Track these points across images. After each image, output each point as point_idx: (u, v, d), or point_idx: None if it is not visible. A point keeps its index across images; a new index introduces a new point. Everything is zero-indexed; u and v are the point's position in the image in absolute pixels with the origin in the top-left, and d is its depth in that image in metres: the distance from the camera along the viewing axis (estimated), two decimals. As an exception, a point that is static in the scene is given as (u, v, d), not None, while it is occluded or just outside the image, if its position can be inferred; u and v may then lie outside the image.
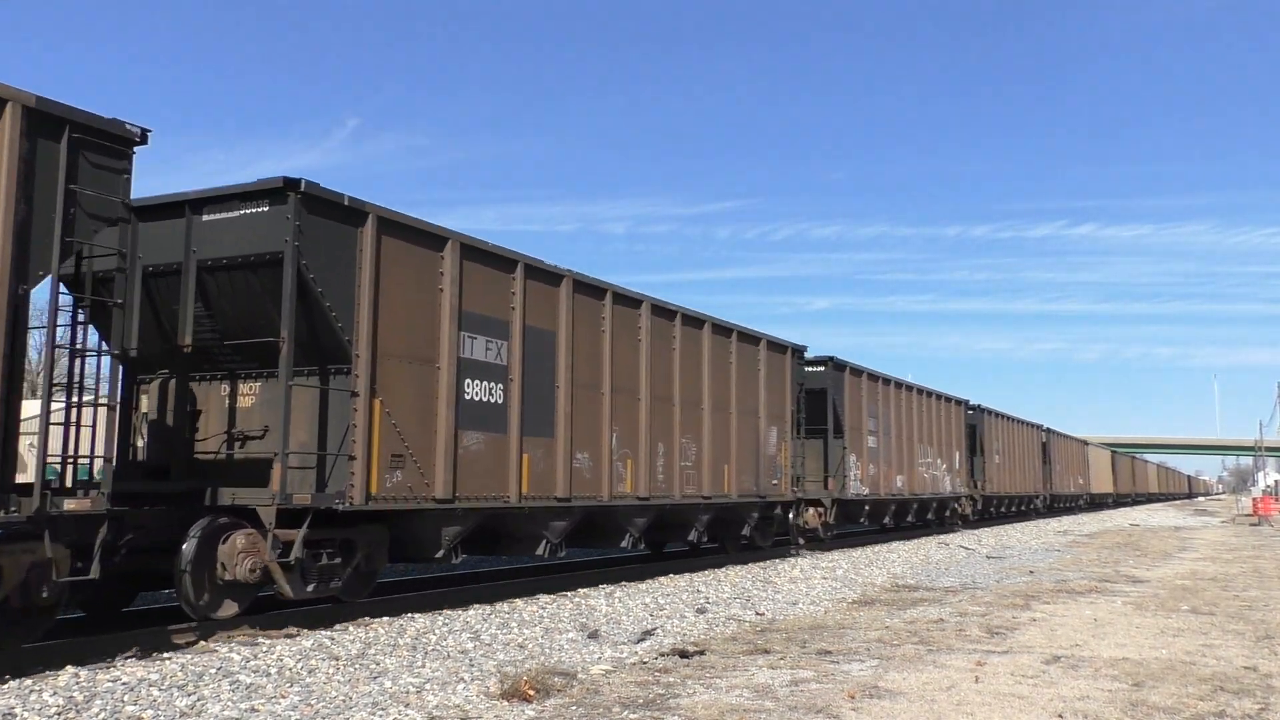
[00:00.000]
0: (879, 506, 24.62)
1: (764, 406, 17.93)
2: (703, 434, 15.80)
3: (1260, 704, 6.71)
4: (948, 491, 29.93)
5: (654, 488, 14.44)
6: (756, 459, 17.58)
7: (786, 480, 18.80)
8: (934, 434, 28.98)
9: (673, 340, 15.18)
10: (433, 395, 10.78)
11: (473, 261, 11.32)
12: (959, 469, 31.56)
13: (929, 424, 28.62)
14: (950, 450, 30.70)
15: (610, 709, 6.34)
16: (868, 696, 6.75)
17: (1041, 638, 9.43)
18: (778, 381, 18.74)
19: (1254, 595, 13.47)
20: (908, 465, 26.50)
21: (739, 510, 17.33)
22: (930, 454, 28.64)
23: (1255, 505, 47.45)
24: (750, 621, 10.63)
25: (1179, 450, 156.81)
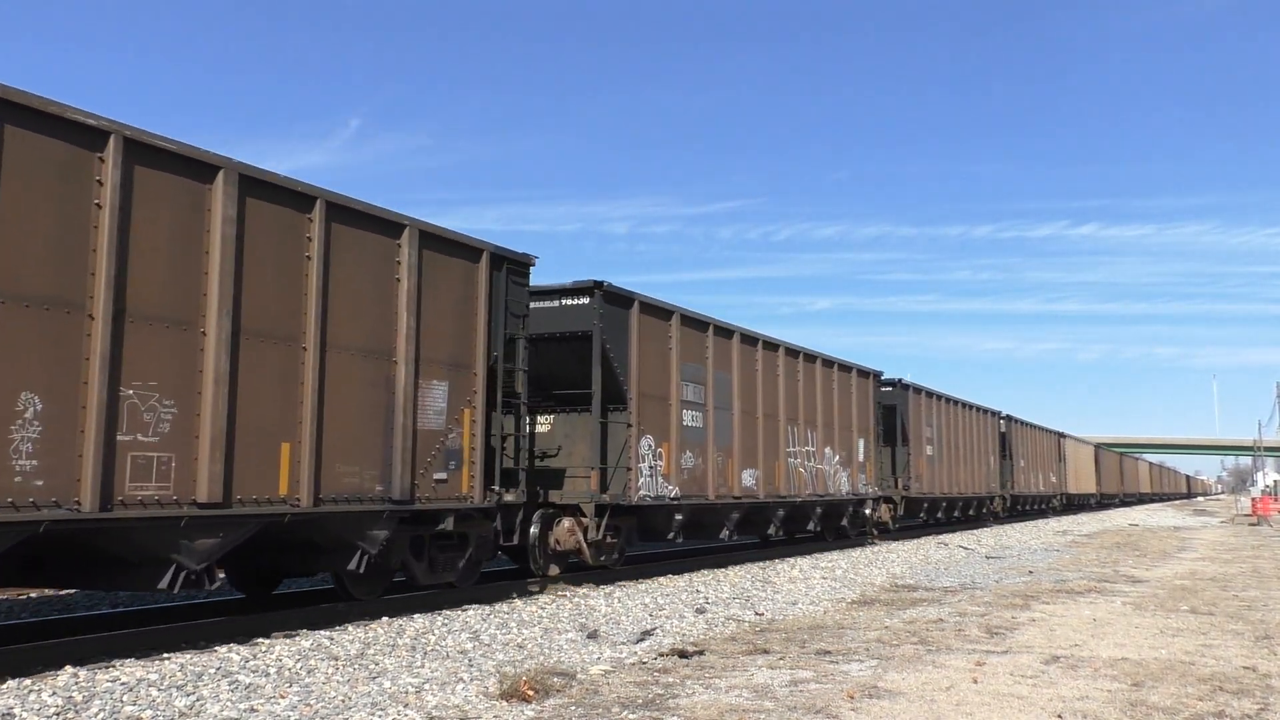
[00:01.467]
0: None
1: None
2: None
3: (1260, 704, 6.72)
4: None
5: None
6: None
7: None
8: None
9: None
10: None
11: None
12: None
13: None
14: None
15: (610, 709, 6.34)
16: (867, 696, 6.75)
17: (1041, 638, 9.44)
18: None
19: (1253, 595, 13.48)
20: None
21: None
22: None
23: (1254, 505, 47.48)
24: (750, 621, 10.63)
25: (1178, 450, 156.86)
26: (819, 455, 20.24)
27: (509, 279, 11.95)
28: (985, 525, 34.37)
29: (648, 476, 14.24)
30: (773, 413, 18.39)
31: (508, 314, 11.88)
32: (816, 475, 20.07)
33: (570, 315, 13.91)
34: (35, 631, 9.22)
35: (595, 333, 13.57)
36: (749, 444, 17.41)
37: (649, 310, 14.91)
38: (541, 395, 14.15)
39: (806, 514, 20.14)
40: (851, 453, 22.09)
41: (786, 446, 18.79)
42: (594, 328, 13.58)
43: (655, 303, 15.10)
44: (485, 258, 11.54)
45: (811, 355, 20.40)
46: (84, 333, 7.41)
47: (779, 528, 18.89)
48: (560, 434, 14.46)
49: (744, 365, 17.53)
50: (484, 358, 11.37)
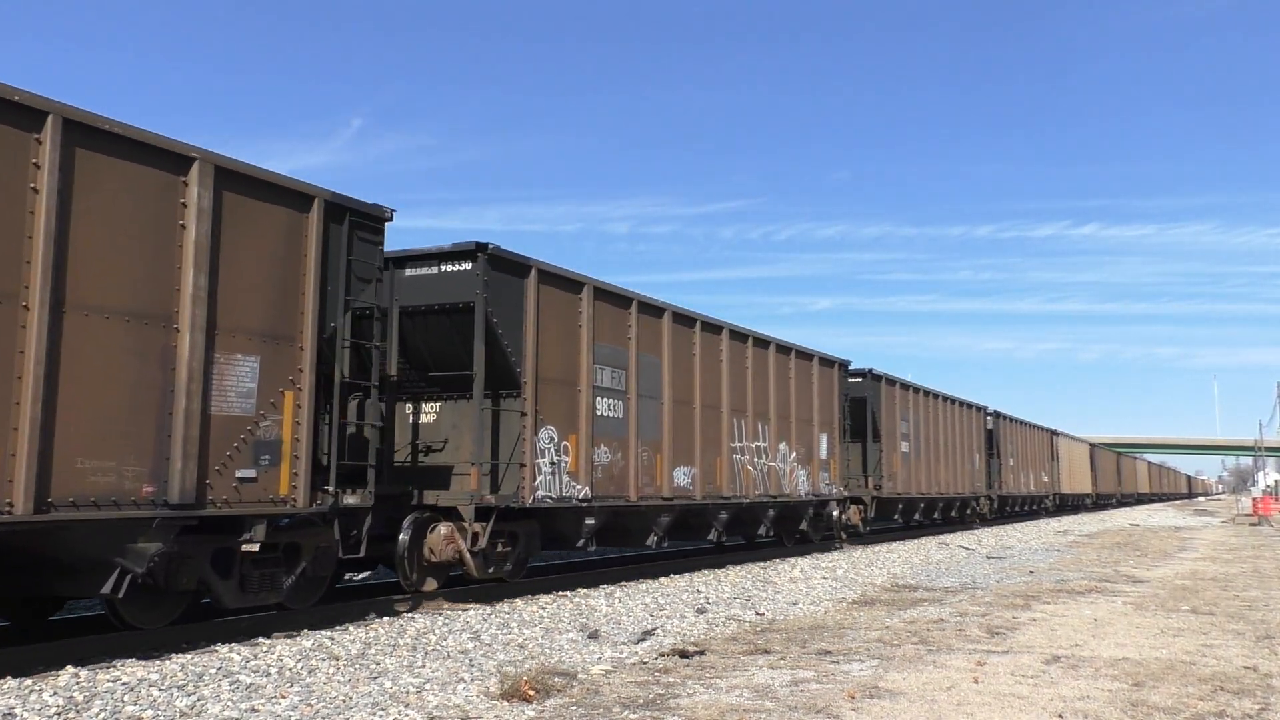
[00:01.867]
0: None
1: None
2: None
3: (1260, 704, 6.71)
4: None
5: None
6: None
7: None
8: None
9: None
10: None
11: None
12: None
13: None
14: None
15: (610, 709, 6.34)
16: (868, 696, 6.75)
17: (1042, 638, 9.43)
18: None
19: (1254, 595, 13.47)
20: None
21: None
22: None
23: (1255, 505, 47.47)
24: (750, 621, 10.63)
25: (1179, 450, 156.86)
26: (772, 451, 18.13)
27: (354, 235, 9.83)
28: (971, 528, 32.21)
29: (549, 474, 12.29)
30: (714, 403, 16.39)
31: (352, 277, 9.79)
32: (769, 473, 17.96)
33: (451, 283, 11.87)
34: (35, 632, 9.22)
35: (478, 304, 11.57)
36: (683, 438, 15.37)
37: (552, 280, 12.75)
38: (424, 378, 12.56)
39: (756, 516, 18.03)
40: (812, 449, 20.02)
41: (731, 441, 16.68)
42: (477, 298, 11.58)
43: (560, 272, 12.93)
44: (318, 207, 9.43)
45: (763, 340, 18.31)
46: None
47: (721, 532, 16.78)
48: (447, 424, 12.61)
49: (678, 349, 15.48)
50: (314, 329, 9.30)
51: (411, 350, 12.31)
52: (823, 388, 20.80)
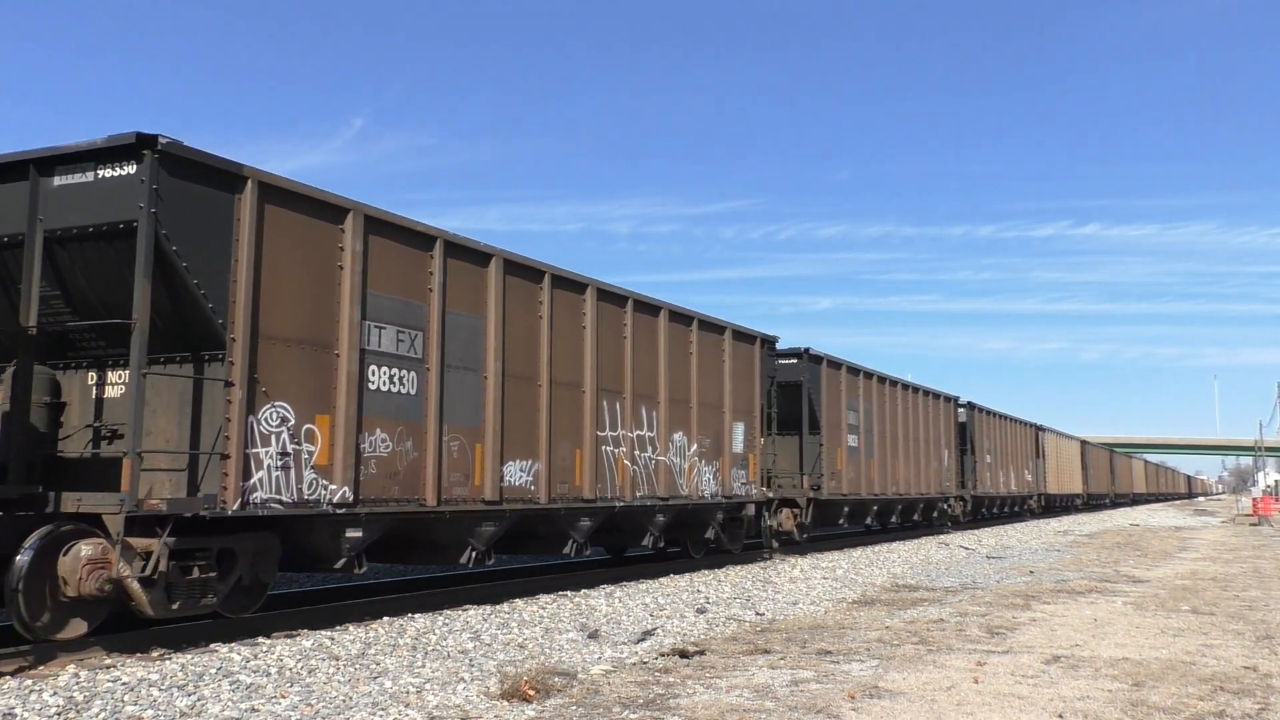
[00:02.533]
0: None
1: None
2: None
3: (1260, 704, 6.71)
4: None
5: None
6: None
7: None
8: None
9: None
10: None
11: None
12: None
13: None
14: None
15: (610, 709, 6.34)
16: (868, 696, 6.75)
17: (1042, 638, 9.43)
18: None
19: (1254, 595, 13.47)
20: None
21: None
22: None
23: (1255, 505, 47.45)
24: (750, 621, 10.63)
25: (1179, 450, 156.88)
26: (662, 443, 14.61)
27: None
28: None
29: (277, 470, 8.86)
30: (573, 380, 12.84)
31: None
32: (657, 470, 14.44)
33: (110, 196, 8.25)
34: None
35: (142, 223, 8.02)
36: (521, 424, 11.85)
37: (287, 200, 9.18)
38: (92, 335, 9.10)
39: (639, 523, 14.44)
40: (722, 441, 16.32)
41: (599, 429, 13.18)
42: (140, 215, 8.02)
43: (304, 191, 9.37)
44: None
45: (651, 305, 14.63)
46: None
47: (582, 544, 13.09)
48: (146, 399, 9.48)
49: (516, 308, 11.90)
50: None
51: (74, 294, 8.78)
52: (739, 368, 17.03)
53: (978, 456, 32.89)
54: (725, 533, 16.91)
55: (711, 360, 16.33)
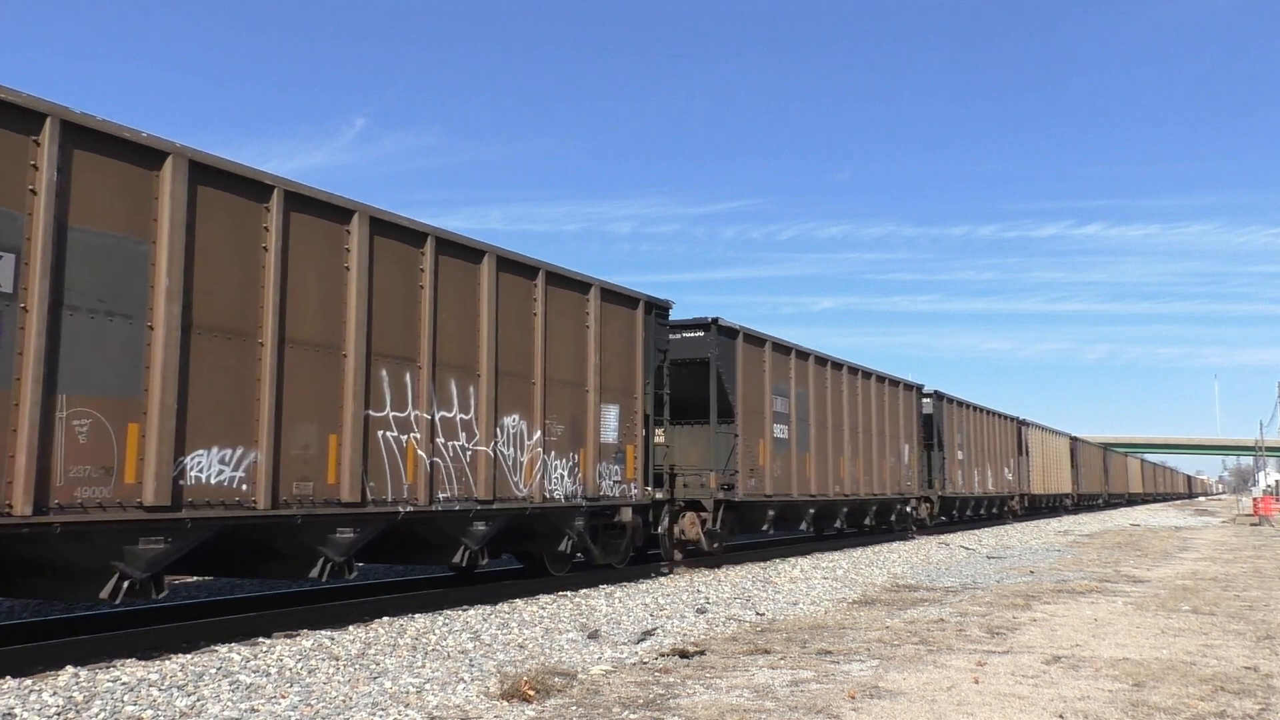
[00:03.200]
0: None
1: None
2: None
3: (1261, 704, 6.71)
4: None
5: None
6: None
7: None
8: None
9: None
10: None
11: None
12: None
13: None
14: None
15: (610, 709, 6.33)
16: (868, 697, 6.74)
17: (1042, 638, 9.43)
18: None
19: (1255, 595, 13.46)
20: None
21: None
22: None
23: (1256, 505, 47.44)
24: (750, 621, 10.63)
25: (1179, 450, 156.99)
26: (486, 428, 11.25)
27: None
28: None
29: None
30: (326, 340, 9.45)
31: None
32: (476, 464, 11.13)
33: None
34: (36, 631, 9.22)
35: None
36: (224, 397, 8.48)
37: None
38: None
39: (444, 534, 11.06)
40: (584, 429, 12.94)
41: (372, 408, 9.82)
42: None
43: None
44: None
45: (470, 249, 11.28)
46: None
47: (340, 561, 9.62)
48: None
49: (224, 235, 8.54)
50: None
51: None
52: (613, 337, 13.73)
53: (947, 452, 29.49)
54: (598, 543, 13.68)
55: (569, 326, 12.84)
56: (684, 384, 16.46)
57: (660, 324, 14.96)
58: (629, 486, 13.97)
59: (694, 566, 16.15)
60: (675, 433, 16.57)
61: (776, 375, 18.69)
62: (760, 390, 18.04)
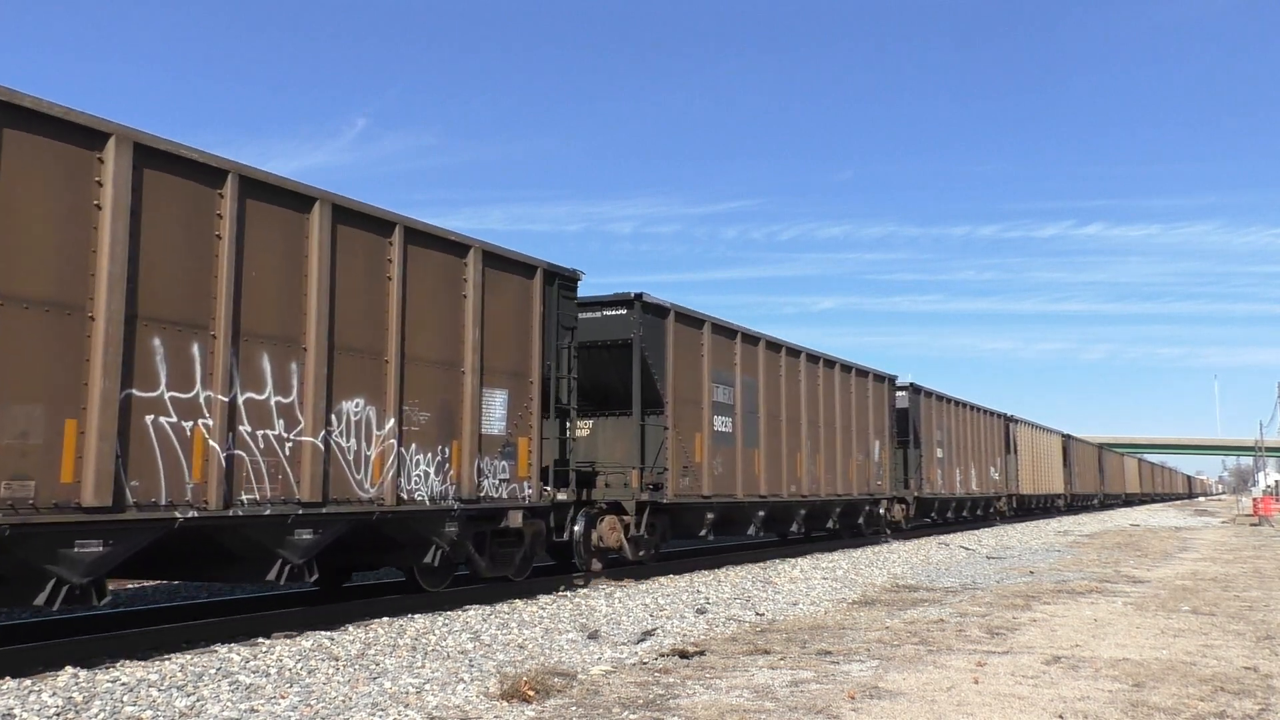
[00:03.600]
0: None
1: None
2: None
3: (1261, 704, 6.71)
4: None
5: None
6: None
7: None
8: None
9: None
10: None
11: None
12: None
13: None
14: None
15: (610, 709, 6.33)
16: (868, 697, 6.74)
17: (1042, 638, 9.43)
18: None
19: (1254, 595, 13.46)
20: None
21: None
22: None
23: (1255, 505, 47.44)
24: (750, 622, 10.63)
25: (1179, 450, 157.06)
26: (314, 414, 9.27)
27: None
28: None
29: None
30: (60, 297, 7.40)
31: None
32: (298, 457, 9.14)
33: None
34: (35, 631, 9.22)
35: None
36: None
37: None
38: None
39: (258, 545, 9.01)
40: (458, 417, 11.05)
41: (137, 386, 7.85)
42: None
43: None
44: None
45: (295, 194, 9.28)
46: None
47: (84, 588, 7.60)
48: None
49: None
50: None
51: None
52: (503, 310, 11.77)
53: (924, 450, 27.44)
54: (485, 553, 11.72)
55: (439, 294, 10.91)
56: (606, 369, 14.85)
57: (567, 297, 12.97)
58: (521, 486, 11.92)
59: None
60: (601, 425, 15.17)
61: (718, 361, 16.71)
62: (697, 377, 16.07)
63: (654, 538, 15.07)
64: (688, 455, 15.56)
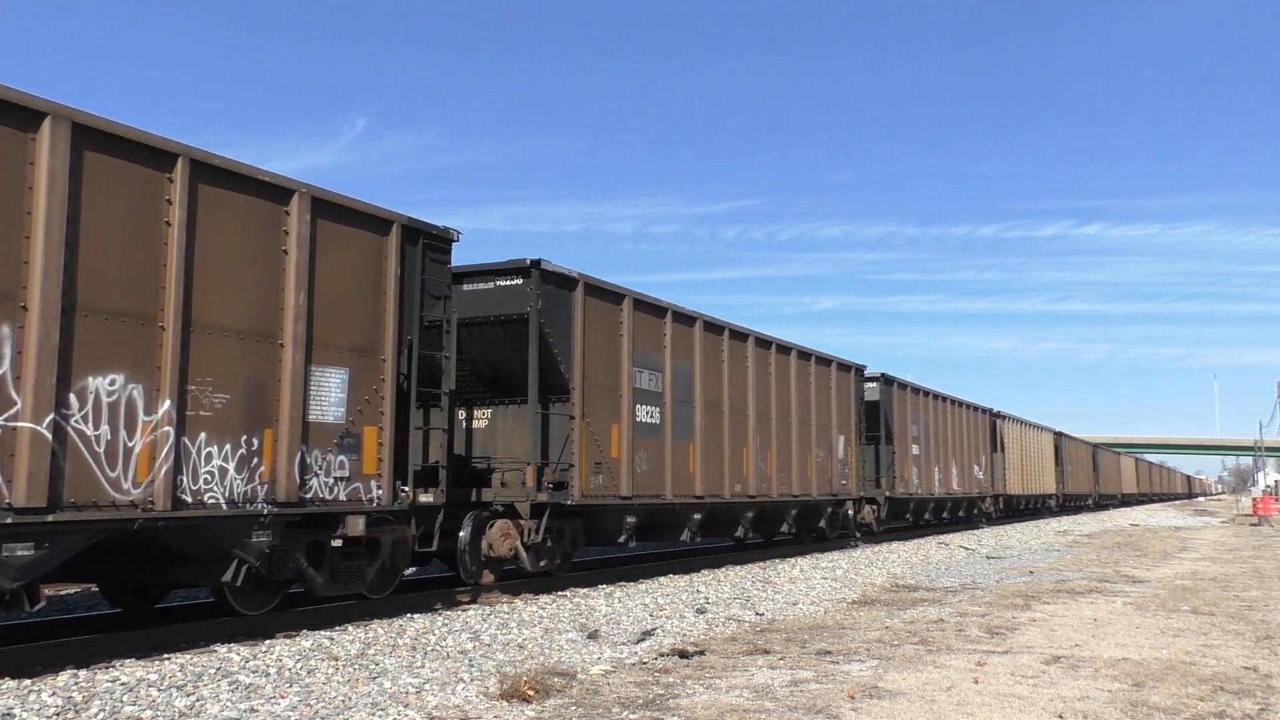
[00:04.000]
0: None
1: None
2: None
3: (1260, 704, 6.71)
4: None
5: None
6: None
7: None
8: None
9: None
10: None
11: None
12: None
13: None
14: None
15: (610, 709, 6.33)
16: (867, 697, 6.74)
17: (1041, 638, 9.43)
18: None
19: (1254, 595, 13.47)
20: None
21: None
22: None
23: (1255, 505, 47.44)
24: (750, 622, 10.63)
25: (1179, 450, 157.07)
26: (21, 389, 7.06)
27: None
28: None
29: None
30: None
31: None
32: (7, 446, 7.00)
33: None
34: (35, 631, 9.21)
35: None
36: None
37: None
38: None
39: None
40: (265, 397, 8.84)
41: None
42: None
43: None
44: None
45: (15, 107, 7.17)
46: None
47: None
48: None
49: None
50: None
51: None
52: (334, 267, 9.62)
53: (898, 446, 25.33)
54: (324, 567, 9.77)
55: (248, 248, 8.80)
56: (503, 349, 12.82)
57: (437, 261, 10.90)
58: (368, 486, 9.86)
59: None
60: (500, 415, 13.27)
61: (644, 343, 14.52)
62: (614, 360, 13.82)
63: (560, 545, 13.08)
64: (601, 450, 13.31)
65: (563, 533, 13.11)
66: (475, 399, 13.09)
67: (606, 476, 13.34)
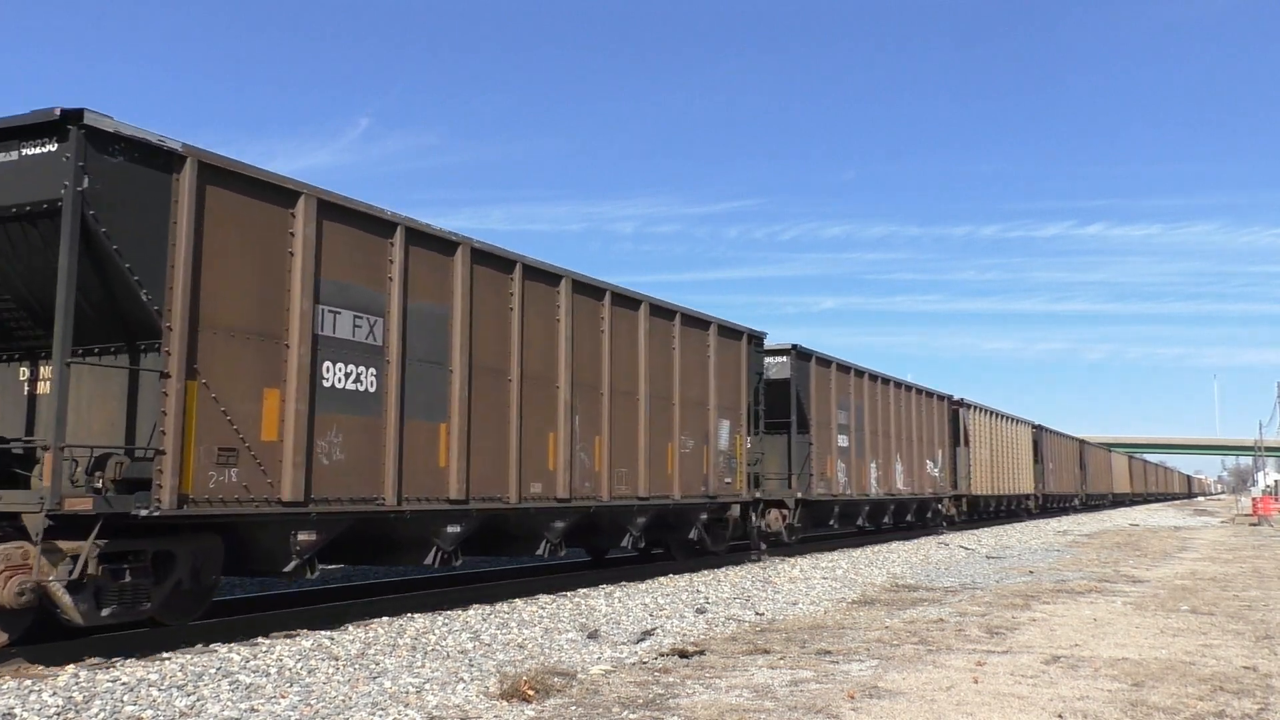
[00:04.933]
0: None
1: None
2: None
3: (1260, 704, 6.71)
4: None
5: None
6: None
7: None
8: None
9: None
10: None
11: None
12: None
13: None
14: None
15: (610, 709, 6.34)
16: (867, 696, 6.75)
17: (1041, 638, 9.43)
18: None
19: (1254, 595, 13.47)
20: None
21: None
22: None
23: (1255, 505, 47.47)
24: (750, 621, 10.63)
25: (1179, 450, 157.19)
26: None
27: None
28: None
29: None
30: None
31: None
32: None
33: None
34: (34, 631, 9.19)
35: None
36: None
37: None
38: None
39: None
40: None
41: None
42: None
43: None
44: None
45: None
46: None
47: None
48: None
49: None
50: None
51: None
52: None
53: (817, 437, 20.67)
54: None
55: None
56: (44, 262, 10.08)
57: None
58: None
59: None
60: None
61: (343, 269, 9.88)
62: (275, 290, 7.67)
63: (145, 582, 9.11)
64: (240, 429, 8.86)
65: (165, 560, 8.37)
66: (41, 349, 8.94)
67: (247, 470, 8.68)
